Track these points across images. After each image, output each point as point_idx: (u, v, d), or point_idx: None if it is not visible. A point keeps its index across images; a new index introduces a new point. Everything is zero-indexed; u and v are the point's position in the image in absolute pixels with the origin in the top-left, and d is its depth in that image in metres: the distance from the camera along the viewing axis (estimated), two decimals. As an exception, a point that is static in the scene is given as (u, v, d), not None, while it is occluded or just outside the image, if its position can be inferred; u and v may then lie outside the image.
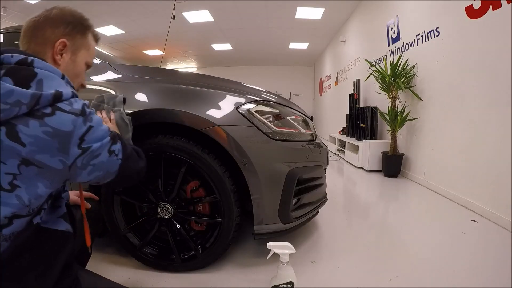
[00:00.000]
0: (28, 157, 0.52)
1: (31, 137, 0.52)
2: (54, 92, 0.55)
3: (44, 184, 0.56)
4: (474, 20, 2.20)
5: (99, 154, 0.62)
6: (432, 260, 1.41)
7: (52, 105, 0.55)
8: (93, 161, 0.61)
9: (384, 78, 3.29)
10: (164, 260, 1.27)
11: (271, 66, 10.44)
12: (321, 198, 1.59)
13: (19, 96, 0.51)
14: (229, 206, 1.19)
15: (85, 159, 0.59)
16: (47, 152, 0.54)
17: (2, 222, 0.52)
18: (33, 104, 0.52)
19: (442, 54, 2.65)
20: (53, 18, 0.69)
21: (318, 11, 5.40)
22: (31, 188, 0.54)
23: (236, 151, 1.15)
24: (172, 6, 4.57)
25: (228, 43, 7.74)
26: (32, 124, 0.52)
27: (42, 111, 0.54)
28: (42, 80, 0.56)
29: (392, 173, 3.31)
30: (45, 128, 0.53)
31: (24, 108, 0.51)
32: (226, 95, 1.23)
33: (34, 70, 0.57)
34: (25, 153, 0.52)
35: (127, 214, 1.29)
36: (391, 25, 3.69)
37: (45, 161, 0.54)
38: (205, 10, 5.45)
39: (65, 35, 0.69)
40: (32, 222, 0.58)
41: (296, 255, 1.24)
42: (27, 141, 0.52)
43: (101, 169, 0.64)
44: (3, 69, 0.54)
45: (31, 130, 0.52)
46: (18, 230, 0.54)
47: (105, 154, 0.64)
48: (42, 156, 0.53)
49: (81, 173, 0.61)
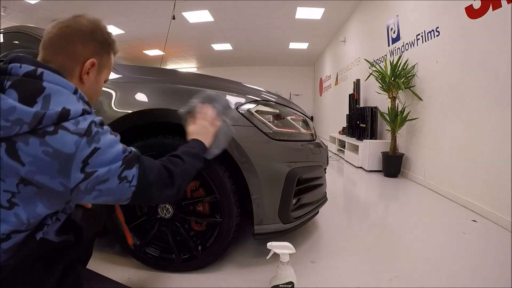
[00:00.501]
0: (27, 177, 0.50)
1: (31, 156, 0.49)
2: (60, 110, 0.52)
3: (44, 205, 0.53)
4: (474, 20, 2.20)
5: (106, 179, 0.56)
6: (432, 260, 1.41)
7: (56, 124, 0.51)
8: (99, 187, 0.56)
9: (384, 78, 3.29)
10: (164, 260, 1.27)
11: (271, 66, 10.44)
12: (321, 198, 1.59)
13: (21, 115, 0.48)
14: (229, 206, 1.19)
15: (89, 184, 0.55)
16: (47, 173, 0.51)
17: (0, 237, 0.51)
18: (35, 124, 0.49)
19: (442, 54, 2.65)
20: (84, 32, 0.65)
21: (318, 11, 5.40)
22: (29, 207, 0.52)
23: (236, 151, 1.15)
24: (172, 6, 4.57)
25: (228, 43, 7.74)
26: (33, 143, 0.49)
27: (44, 129, 0.50)
28: (50, 96, 0.53)
29: (392, 173, 3.31)
30: (46, 148, 0.50)
31: (25, 127, 0.49)
32: (226, 95, 1.23)
33: (43, 84, 0.53)
34: (24, 172, 0.49)
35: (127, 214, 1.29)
36: (391, 25, 3.69)
37: (44, 182, 0.51)
38: (205, 10, 5.45)
39: (94, 54, 0.66)
40: (34, 237, 0.56)
41: (296, 255, 1.24)
42: (26, 160, 0.49)
43: (110, 195, 0.59)
44: (10, 81, 0.52)
45: (31, 149, 0.49)
46: (18, 243, 0.53)
47: (115, 181, 0.58)
48: (41, 177, 0.51)
49: (85, 197, 0.57)
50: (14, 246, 0.53)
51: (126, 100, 1.19)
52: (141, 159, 0.64)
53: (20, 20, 5.43)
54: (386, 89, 3.33)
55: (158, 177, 0.67)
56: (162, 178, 0.68)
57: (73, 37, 0.63)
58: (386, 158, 3.34)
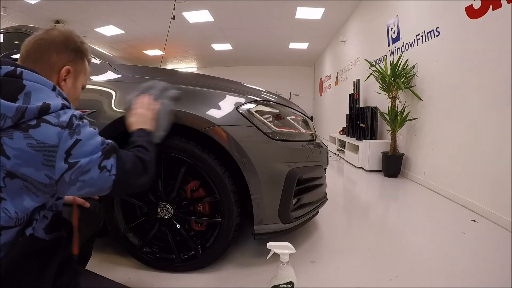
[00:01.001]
0: (13, 170, 0.51)
1: (16, 150, 0.51)
2: (41, 104, 0.54)
3: (30, 198, 0.54)
4: (474, 20, 2.20)
5: (88, 170, 0.59)
6: (432, 260, 1.41)
7: (37, 118, 0.54)
8: (83, 177, 0.59)
9: (384, 78, 3.29)
10: (164, 260, 1.27)
11: (271, 66, 10.44)
12: (321, 198, 1.59)
13: (4, 110, 0.51)
14: (229, 206, 1.19)
15: (73, 174, 0.57)
16: (32, 165, 0.52)
17: None
18: (18, 118, 0.51)
19: (442, 54, 2.65)
20: (57, 43, 0.70)
21: (318, 11, 5.40)
22: (16, 201, 0.53)
23: (236, 151, 1.15)
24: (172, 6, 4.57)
25: (228, 43, 7.74)
26: (17, 136, 0.51)
27: (27, 123, 0.53)
28: (31, 93, 0.56)
29: (392, 173, 3.31)
30: (30, 141, 0.52)
31: (9, 121, 0.51)
32: (226, 95, 1.23)
33: (23, 82, 0.56)
34: (9, 165, 0.51)
35: (127, 214, 1.29)
36: (391, 25, 3.69)
37: (30, 174, 0.53)
38: (205, 10, 5.45)
39: (69, 62, 0.71)
40: (24, 233, 0.56)
41: (296, 255, 1.24)
42: (11, 154, 0.51)
43: (92, 186, 0.62)
44: None
45: (15, 142, 0.51)
46: (10, 240, 0.54)
47: (96, 170, 0.61)
48: (26, 170, 0.52)
49: (70, 188, 0.59)
50: (6, 244, 0.54)
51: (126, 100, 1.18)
52: (117, 150, 0.68)
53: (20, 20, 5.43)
54: (386, 89, 3.33)
55: (134, 166, 0.71)
56: (137, 167, 0.73)
57: (48, 48, 0.68)
58: (386, 158, 3.34)
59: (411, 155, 3.24)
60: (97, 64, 1.31)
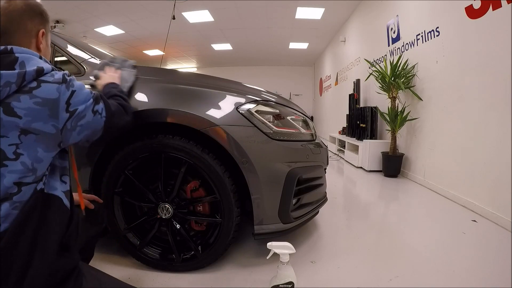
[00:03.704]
0: (26, 127, 0.60)
1: (25, 110, 0.60)
2: (36, 68, 0.63)
3: (42, 148, 0.63)
4: (474, 20, 2.20)
5: (84, 115, 0.71)
6: (432, 260, 1.41)
7: (36, 79, 0.62)
8: (80, 122, 0.70)
9: (384, 78, 3.29)
10: (164, 260, 1.27)
11: (271, 66, 10.43)
12: (321, 198, 1.59)
13: (7, 78, 0.59)
14: (229, 206, 1.19)
15: (73, 121, 0.68)
16: (41, 119, 0.62)
17: (12, 190, 0.59)
18: (21, 81, 0.60)
19: (442, 54, 2.65)
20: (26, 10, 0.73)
21: (318, 11, 5.40)
22: (32, 153, 0.61)
23: (236, 151, 1.15)
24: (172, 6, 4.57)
25: (228, 43, 7.73)
26: (23, 99, 0.60)
27: (29, 86, 0.61)
28: (24, 62, 0.64)
29: (392, 173, 3.31)
30: (35, 100, 0.61)
31: (13, 86, 0.59)
32: (226, 95, 1.23)
33: (15, 55, 0.64)
34: (22, 124, 0.60)
35: (127, 214, 1.29)
36: (391, 25, 3.69)
37: (40, 128, 0.62)
38: (205, 10, 5.45)
39: (40, 25, 0.76)
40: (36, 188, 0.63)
41: (296, 255, 1.24)
42: (22, 113, 0.60)
43: (88, 128, 0.73)
44: None
45: (24, 103, 0.60)
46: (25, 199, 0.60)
47: (90, 114, 0.73)
48: (37, 124, 0.61)
49: (72, 134, 0.69)
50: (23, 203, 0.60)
51: (126, 100, 1.18)
52: (103, 97, 0.80)
53: (20, 20, 5.41)
54: (386, 89, 3.33)
55: (117, 108, 0.86)
56: (119, 109, 0.87)
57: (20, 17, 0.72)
58: (386, 158, 3.34)
59: (411, 155, 3.24)
60: (97, 64, 1.31)
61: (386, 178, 3.28)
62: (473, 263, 1.41)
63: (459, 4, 2.34)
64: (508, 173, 1.84)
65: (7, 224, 0.58)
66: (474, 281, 1.24)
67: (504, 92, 1.90)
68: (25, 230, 0.60)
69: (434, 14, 2.76)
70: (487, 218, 1.98)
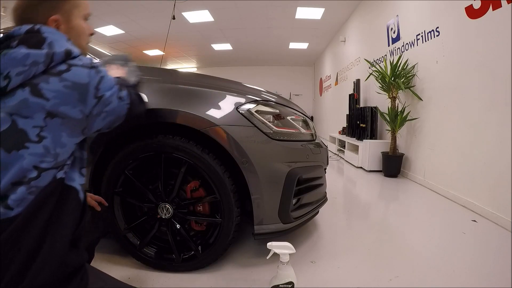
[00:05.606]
0: (53, 110, 0.59)
1: (54, 92, 0.59)
2: (65, 49, 0.62)
3: (66, 134, 0.62)
4: (474, 20, 2.20)
5: (110, 101, 0.69)
6: (432, 260, 1.41)
7: (65, 62, 0.61)
8: (106, 108, 0.68)
9: (384, 78, 3.29)
10: (164, 260, 1.27)
11: (271, 66, 10.43)
12: (321, 198, 1.59)
13: (35, 57, 0.58)
14: (229, 206, 1.19)
15: (100, 107, 0.66)
16: (69, 103, 0.60)
17: (31, 174, 0.56)
18: (49, 62, 0.59)
19: (442, 54, 2.65)
20: None
21: (318, 11, 5.40)
22: (55, 137, 0.60)
23: (236, 151, 1.15)
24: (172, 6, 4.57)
25: (228, 43, 7.73)
26: (53, 81, 0.59)
27: (59, 69, 0.60)
28: (53, 42, 0.62)
29: (392, 173, 3.31)
30: (65, 83, 0.60)
31: (41, 66, 0.58)
32: (226, 95, 1.23)
33: (43, 35, 0.62)
34: (49, 106, 0.58)
35: (127, 214, 1.29)
36: (391, 25, 3.69)
37: (67, 112, 0.60)
38: (205, 10, 5.45)
39: (51, 10, 0.70)
40: (55, 177, 0.61)
41: (296, 255, 1.24)
42: (50, 96, 0.58)
43: (113, 114, 0.71)
44: (16, 40, 0.60)
45: (52, 85, 0.59)
46: (42, 185, 0.58)
47: (116, 101, 0.71)
48: (64, 108, 0.60)
49: (96, 120, 0.67)
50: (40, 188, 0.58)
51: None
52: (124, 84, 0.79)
53: (20, 20, 5.42)
54: (386, 89, 3.33)
55: (136, 96, 0.84)
56: (138, 97, 0.85)
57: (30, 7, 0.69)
58: (386, 158, 3.34)
59: (411, 155, 3.24)
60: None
61: (386, 178, 3.28)
62: (473, 263, 1.41)
63: (459, 4, 2.34)
64: (508, 173, 1.84)
65: (20, 209, 0.55)
66: (474, 281, 1.24)
67: (504, 92, 1.90)
68: (38, 216, 0.57)
69: (434, 14, 2.76)
70: (487, 218, 1.98)
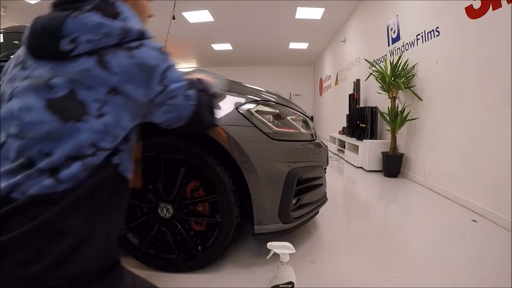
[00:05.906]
0: (117, 86, 0.54)
1: (120, 67, 0.54)
2: (140, 28, 0.59)
3: (128, 116, 0.57)
4: (474, 20, 2.20)
5: (175, 95, 0.64)
6: (432, 260, 1.41)
7: (138, 40, 0.58)
8: (170, 101, 0.63)
9: (384, 78, 3.29)
10: (164, 260, 1.27)
11: (271, 66, 10.43)
12: (321, 198, 1.59)
13: (109, 28, 0.54)
14: (229, 206, 1.19)
15: (163, 97, 0.61)
16: (134, 83, 0.56)
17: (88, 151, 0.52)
18: (123, 36, 0.56)
19: (442, 54, 2.65)
20: None
21: (318, 11, 5.40)
22: (117, 117, 0.55)
23: (236, 151, 1.15)
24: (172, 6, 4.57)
25: (228, 43, 7.73)
26: (121, 55, 0.55)
27: (129, 45, 0.56)
28: (127, 18, 0.59)
29: (392, 173, 3.31)
30: (133, 60, 0.56)
31: (113, 39, 0.55)
32: (226, 95, 1.23)
33: (117, 10, 0.59)
34: (114, 81, 0.54)
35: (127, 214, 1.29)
36: (391, 25, 3.69)
37: (131, 91, 0.56)
38: (205, 10, 5.45)
39: None
40: (110, 160, 0.56)
41: (296, 255, 1.24)
42: (117, 70, 0.54)
43: (175, 111, 0.66)
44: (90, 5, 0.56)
45: (120, 60, 0.54)
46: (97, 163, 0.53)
47: (181, 97, 0.65)
48: (129, 86, 0.55)
49: (157, 111, 0.63)
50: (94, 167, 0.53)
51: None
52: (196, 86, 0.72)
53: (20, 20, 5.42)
54: (386, 89, 3.33)
55: (208, 101, 0.75)
56: (208, 106, 0.76)
57: None
58: (386, 158, 3.34)
59: (411, 155, 3.24)
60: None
61: (386, 178, 3.28)
62: (473, 263, 1.41)
63: (459, 4, 2.34)
64: (508, 173, 1.84)
65: (70, 184, 0.50)
66: (474, 281, 1.24)
67: (504, 92, 1.90)
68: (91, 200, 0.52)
69: (434, 14, 2.76)
70: (487, 218, 1.98)
